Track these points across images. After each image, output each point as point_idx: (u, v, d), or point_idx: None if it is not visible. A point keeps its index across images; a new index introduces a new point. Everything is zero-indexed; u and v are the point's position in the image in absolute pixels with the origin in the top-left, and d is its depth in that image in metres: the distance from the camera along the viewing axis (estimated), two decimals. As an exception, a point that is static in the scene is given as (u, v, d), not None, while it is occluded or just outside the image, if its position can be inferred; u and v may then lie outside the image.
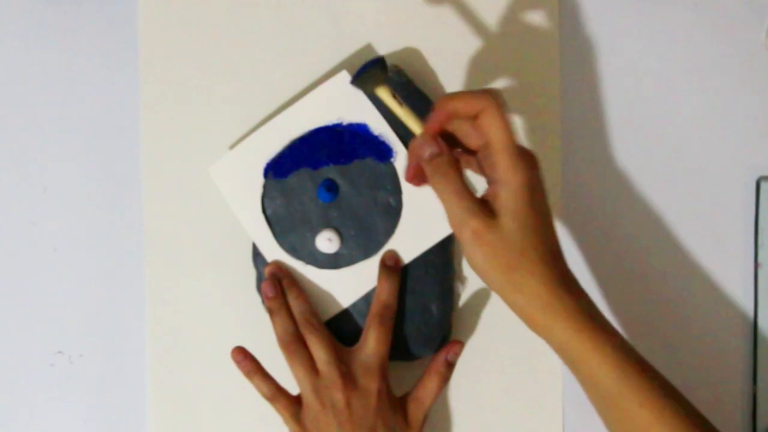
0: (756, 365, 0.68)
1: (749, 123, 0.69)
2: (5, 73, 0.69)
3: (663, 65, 0.69)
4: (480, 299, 0.68)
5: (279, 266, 0.66)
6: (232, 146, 0.67)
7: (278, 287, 0.65)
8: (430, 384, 0.65)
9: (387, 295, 0.65)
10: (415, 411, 0.65)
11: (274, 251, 0.66)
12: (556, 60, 0.69)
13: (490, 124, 0.54)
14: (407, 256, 0.66)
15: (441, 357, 0.66)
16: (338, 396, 0.62)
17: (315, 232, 0.66)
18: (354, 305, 0.67)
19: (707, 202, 0.69)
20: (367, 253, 0.66)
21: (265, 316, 0.66)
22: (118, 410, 0.68)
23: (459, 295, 0.69)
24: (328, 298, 0.67)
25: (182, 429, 0.68)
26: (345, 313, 0.67)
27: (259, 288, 0.67)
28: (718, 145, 0.69)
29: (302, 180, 0.66)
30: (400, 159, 0.66)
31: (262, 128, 0.66)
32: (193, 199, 0.68)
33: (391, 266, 0.66)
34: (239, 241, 0.67)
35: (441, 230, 0.66)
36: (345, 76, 0.65)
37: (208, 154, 0.67)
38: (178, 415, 0.68)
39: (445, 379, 0.66)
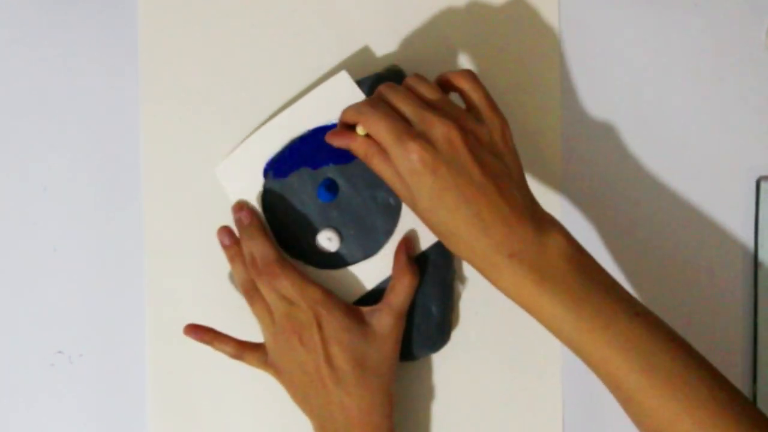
0: (756, 365, 0.68)
1: (749, 123, 0.69)
2: (5, 73, 0.69)
3: (663, 65, 0.69)
4: (480, 299, 0.68)
5: (243, 207, 0.66)
6: (233, 147, 0.67)
7: (233, 235, 0.66)
8: (400, 285, 0.64)
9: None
10: (384, 318, 0.63)
11: (273, 251, 0.66)
12: (556, 60, 0.69)
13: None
14: (407, 256, 0.66)
15: (401, 256, 0.64)
16: (302, 313, 0.62)
17: (315, 231, 0.66)
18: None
19: (707, 202, 0.69)
20: (367, 253, 0.66)
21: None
22: (118, 410, 0.68)
23: (459, 295, 0.69)
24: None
25: (182, 429, 0.68)
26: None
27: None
28: (718, 145, 0.69)
29: (302, 179, 0.66)
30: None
31: (263, 128, 0.66)
32: (193, 199, 0.68)
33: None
34: (239, 241, 0.67)
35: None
36: (345, 76, 0.65)
37: (207, 154, 0.68)
38: (178, 415, 0.68)
39: (416, 274, 0.64)
